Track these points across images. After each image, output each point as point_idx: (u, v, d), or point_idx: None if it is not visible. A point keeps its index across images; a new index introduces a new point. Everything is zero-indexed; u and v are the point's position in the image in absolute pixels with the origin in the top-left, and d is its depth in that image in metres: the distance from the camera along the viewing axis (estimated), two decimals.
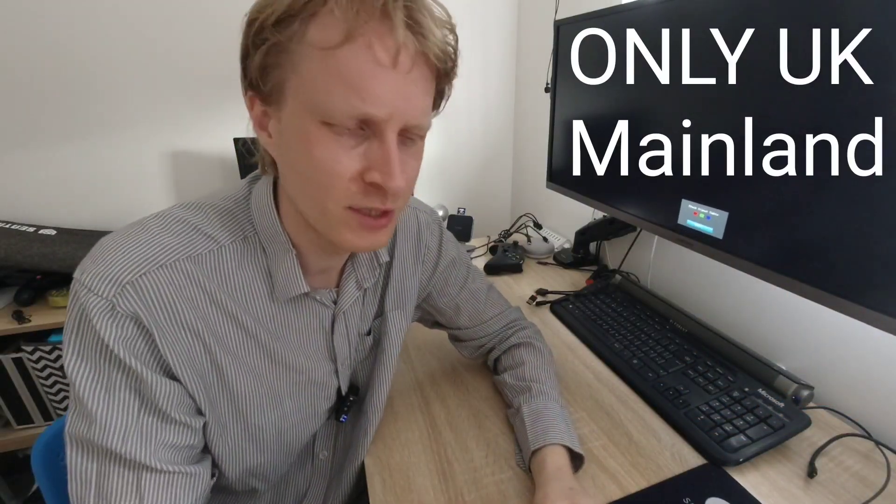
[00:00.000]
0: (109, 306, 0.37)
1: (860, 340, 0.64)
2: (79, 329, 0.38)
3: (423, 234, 0.63)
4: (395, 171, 0.37)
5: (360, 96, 0.34)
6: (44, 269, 1.18)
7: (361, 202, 0.39)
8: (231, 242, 0.44)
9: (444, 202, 1.63)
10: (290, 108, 0.37)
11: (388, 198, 0.39)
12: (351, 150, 0.37)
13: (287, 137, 0.39)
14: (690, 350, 0.74)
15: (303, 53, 0.35)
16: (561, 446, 0.54)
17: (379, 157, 0.37)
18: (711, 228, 0.65)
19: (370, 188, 0.38)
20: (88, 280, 0.38)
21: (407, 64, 0.35)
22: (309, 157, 0.37)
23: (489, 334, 0.71)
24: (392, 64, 0.34)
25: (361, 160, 0.37)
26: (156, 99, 1.34)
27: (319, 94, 0.35)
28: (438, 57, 0.37)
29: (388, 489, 0.55)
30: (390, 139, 0.37)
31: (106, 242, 0.40)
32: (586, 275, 1.13)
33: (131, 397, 0.40)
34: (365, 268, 0.54)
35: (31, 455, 0.58)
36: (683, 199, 0.69)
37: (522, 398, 0.61)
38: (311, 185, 0.39)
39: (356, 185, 0.38)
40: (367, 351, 0.61)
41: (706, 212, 0.66)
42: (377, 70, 0.34)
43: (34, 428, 1.19)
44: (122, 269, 0.38)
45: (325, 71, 0.34)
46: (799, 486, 0.54)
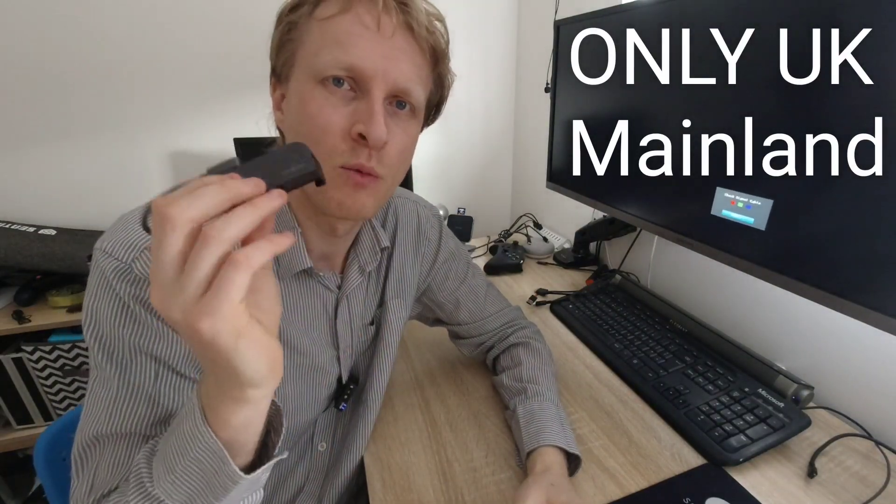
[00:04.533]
0: (127, 268, 0.40)
1: (860, 340, 0.64)
2: (98, 292, 0.40)
3: (423, 226, 0.65)
4: (377, 120, 0.40)
5: (345, 50, 0.40)
6: (44, 269, 1.18)
7: (350, 159, 0.42)
8: None
9: (444, 202, 1.63)
10: (295, 77, 0.43)
11: (372, 155, 0.42)
12: (341, 107, 0.41)
13: (290, 105, 0.44)
14: (690, 350, 0.74)
15: (308, 27, 0.41)
16: (554, 447, 0.54)
17: (364, 111, 0.41)
18: (752, 219, 0.61)
19: (357, 145, 0.41)
20: (108, 246, 0.40)
21: (389, 28, 0.40)
22: (304, 115, 0.41)
23: (488, 332, 0.72)
24: (376, 27, 0.40)
25: (350, 116, 0.41)
26: (156, 99, 1.34)
27: (315, 55, 0.41)
28: (421, 27, 0.42)
29: (388, 489, 0.55)
30: (376, 95, 0.41)
31: (124, 217, 0.43)
32: (586, 275, 1.13)
33: (148, 361, 0.41)
34: (367, 253, 0.56)
35: (34, 453, 0.58)
36: (719, 188, 0.64)
37: (518, 399, 0.62)
38: (306, 143, 0.42)
39: (346, 142, 0.41)
40: (369, 341, 0.62)
41: (746, 200, 0.61)
42: (363, 31, 0.40)
43: (34, 428, 1.19)
44: (139, 236, 0.41)
45: (321, 36, 0.41)
46: (799, 486, 0.54)
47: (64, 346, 1.14)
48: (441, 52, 0.46)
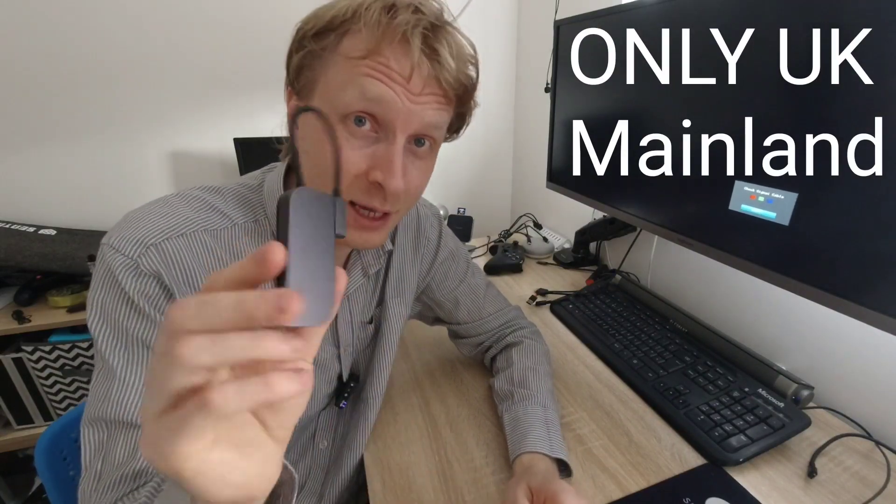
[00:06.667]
0: (134, 264, 0.40)
1: (860, 340, 0.64)
2: (103, 287, 0.41)
3: (423, 226, 0.65)
4: (396, 172, 0.40)
5: (370, 96, 0.39)
6: (44, 269, 1.18)
7: (363, 199, 0.42)
8: (244, 222, 0.48)
9: (444, 202, 1.63)
10: (316, 104, 0.42)
11: (387, 199, 0.42)
12: (360, 149, 0.41)
13: (309, 130, 0.43)
14: (690, 350, 0.74)
15: (333, 61, 0.40)
16: (537, 454, 0.53)
17: (383, 158, 0.41)
18: (775, 213, 0.58)
19: (373, 188, 0.42)
20: (116, 242, 0.41)
21: (418, 83, 0.39)
22: (323, 150, 0.41)
23: (487, 332, 0.72)
24: (406, 80, 0.39)
25: (368, 160, 0.41)
26: (156, 99, 1.34)
27: (338, 91, 0.40)
28: (449, 83, 0.41)
29: (388, 489, 0.55)
30: (398, 142, 0.41)
31: (131, 213, 0.44)
32: (586, 275, 1.13)
33: (151, 354, 0.41)
34: (371, 255, 0.57)
35: (35, 453, 0.58)
36: (738, 182, 0.61)
37: (505, 405, 0.62)
38: (320, 175, 0.42)
39: (360, 182, 0.42)
40: (368, 340, 0.63)
41: (767, 194, 0.58)
42: (391, 79, 0.39)
43: (34, 428, 1.19)
44: (147, 233, 0.42)
45: (346, 74, 0.39)
46: (799, 486, 0.54)
47: (64, 346, 1.14)
48: (469, 95, 0.45)
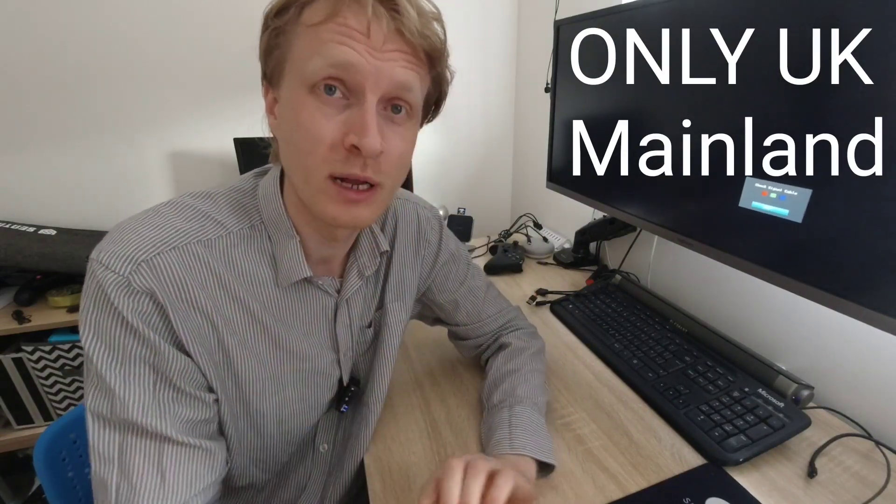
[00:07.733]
0: (126, 282, 0.39)
1: (860, 340, 0.64)
2: (95, 305, 0.40)
3: (423, 228, 0.64)
4: (369, 129, 0.39)
5: (334, 57, 0.38)
6: (44, 269, 1.18)
7: (342, 169, 0.41)
8: (239, 229, 0.47)
9: (444, 202, 1.64)
10: (286, 83, 0.41)
11: (367, 164, 0.41)
12: (333, 117, 0.40)
13: (283, 111, 0.42)
14: (690, 350, 0.74)
15: (296, 33, 0.40)
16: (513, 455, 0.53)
17: (356, 119, 0.39)
18: (787, 210, 0.57)
19: (350, 155, 0.40)
20: (106, 258, 0.39)
21: (379, 36, 0.38)
22: (296, 124, 0.40)
23: (486, 334, 0.72)
24: (365, 35, 0.38)
25: (342, 126, 0.40)
26: (156, 99, 1.34)
27: (305, 62, 0.39)
28: (413, 34, 0.40)
29: (388, 489, 0.55)
30: (369, 102, 0.39)
31: (121, 225, 0.42)
32: (586, 275, 1.13)
33: (147, 371, 0.41)
34: (366, 257, 0.56)
35: (34, 453, 0.58)
36: (749, 178, 0.60)
37: (484, 413, 0.63)
38: (297, 152, 0.42)
39: (337, 152, 0.40)
40: (368, 343, 0.62)
41: (780, 190, 0.57)
42: (352, 37, 0.38)
43: (34, 428, 1.19)
44: (138, 249, 0.40)
45: (309, 43, 0.39)
46: (799, 486, 0.54)
47: (64, 346, 1.14)
48: (437, 53, 0.43)
